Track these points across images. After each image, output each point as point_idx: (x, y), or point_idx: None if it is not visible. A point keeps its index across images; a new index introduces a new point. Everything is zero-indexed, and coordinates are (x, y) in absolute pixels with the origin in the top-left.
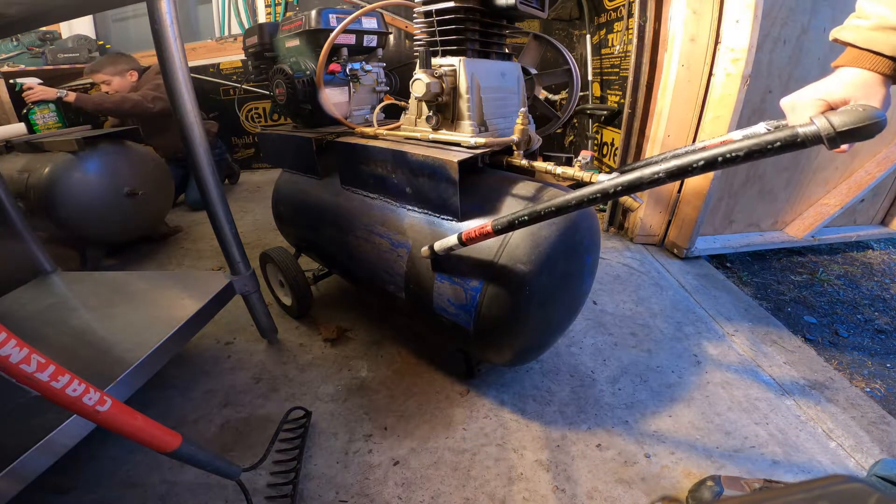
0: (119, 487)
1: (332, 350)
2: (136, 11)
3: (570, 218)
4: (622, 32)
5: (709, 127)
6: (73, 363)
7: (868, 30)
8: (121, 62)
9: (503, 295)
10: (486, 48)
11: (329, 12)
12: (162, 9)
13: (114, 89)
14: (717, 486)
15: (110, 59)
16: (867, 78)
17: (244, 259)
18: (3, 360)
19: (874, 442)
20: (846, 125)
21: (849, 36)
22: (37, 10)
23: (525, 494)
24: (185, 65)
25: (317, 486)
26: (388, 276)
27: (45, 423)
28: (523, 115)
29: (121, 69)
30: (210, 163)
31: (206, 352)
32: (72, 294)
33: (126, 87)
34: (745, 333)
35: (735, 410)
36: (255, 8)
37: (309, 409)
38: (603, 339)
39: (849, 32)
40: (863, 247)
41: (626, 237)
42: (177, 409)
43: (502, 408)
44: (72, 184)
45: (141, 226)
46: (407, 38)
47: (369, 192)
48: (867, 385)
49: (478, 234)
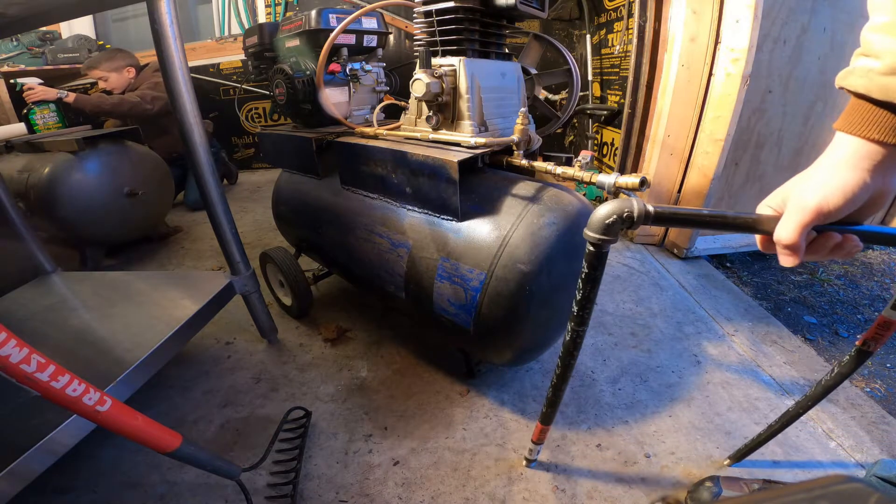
0: (119, 487)
1: (332, 350)
2: (136, 11)
3: (569, 218)
4: (622, 32)
5: (709, 127)
6: (73, 363)
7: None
8: (118, 58)
9: (503, 295)
10: (486, 48)
11: (329, 12)
12: (162, 9)
13: (111, 86)
14: (715, 486)
15: (107, 56)
16: (884, 160)
17: (244, 259)
18: (3, 360)
19: (874, 442)
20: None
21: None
22: (37, 10)
23: (525, 494)
24: (185, 65)
25: (317, 486)
26: (388, 276)
27: (45, 423)
28: (523, 115)
29: (118, 65)
30: (210, 163)
31: (206, 352)
32: (72, 294)
33: (123, 83)
34: (746, 333)
35: (735, 410)
36: (255, 8)
37: (309, 409)
38: (603, 339)
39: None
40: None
41: (626, 237)
42: (177, 409)
43: (502, 408)
44: (72, 184)
45: (141, 226)
46: (407, 38)
47: (369, 192)
48: (867, 385)
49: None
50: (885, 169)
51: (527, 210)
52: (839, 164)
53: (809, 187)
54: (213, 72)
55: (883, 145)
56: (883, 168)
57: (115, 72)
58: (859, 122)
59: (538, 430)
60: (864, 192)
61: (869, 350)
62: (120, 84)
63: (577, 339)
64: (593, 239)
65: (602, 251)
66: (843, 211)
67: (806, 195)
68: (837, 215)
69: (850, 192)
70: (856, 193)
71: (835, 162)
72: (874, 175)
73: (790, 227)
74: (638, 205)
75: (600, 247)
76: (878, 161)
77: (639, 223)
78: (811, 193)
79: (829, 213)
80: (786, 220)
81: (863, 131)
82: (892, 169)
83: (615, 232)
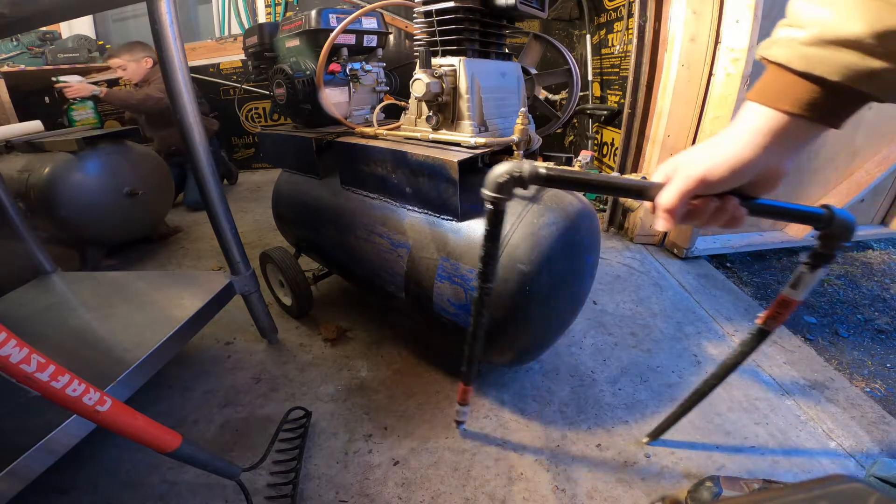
0: (119, 487)
1: (332, 350)
2: (136, 11)
3: (569, 218)
4: (622, 32)
5: (709, 127)
6: (72, 363)
7: (804, 44)
8: (137, 49)
9: (503, 295)
10: (486, 48)
11: (329, 12)
12: (162, 9)
13: (129, 75)
14: (715, 486)
15: (128, 47)
16: (787, 134)
17: (244, 259)
18: (3, 360)
19: (874, 442)
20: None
21: (780, 54)
22: (37, 10)
23: (525, 494)
24: (185, 65)
25: (317, 486)
26: (388, 276)
27: (45, 423)
28: (523, 115)
29: (137, 56)
30: (210, 163)
31: (206, 352)
32: (72, 294)
33: (140, 72)
34: (746, 333)
35: (735, 410)
36: (255, 8)
37: (309, 409)
38: (603, 339)
39: (780, 49)
40: (863, 247)
41: (626, 237)
42: (177, 409)
43: (502, 408)
44: (72, 184)
45: (141, 226)
46: (407, 38)
47: (369, 192)
48: (867, 385)
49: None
50: (784, 144)
51: (527, 210)
52: (741, 135)
53: (699, 157)
54: (213, 72)
55: (793, 118)
56: (783, 143)
57: (133, 62)
58: (774, 92)
59: (461, 390)
60: (752, 169)
61: (768, 329)
62: (137, 74)
63: (483, 297)
64: (489, 197)
65: (499, 209)
66: (728, 183)
67: (694, 164)
68: (721, 187)
69: (736, 167)
70: (742, 168)
71: (737, 133)
72: (770, 151)
73: (671, 193)
74: (528, 166)
75: (497, 204)
76: (780, 135)
77: (528, 182)
78: (699, 164)
79: (711, 184)
80: (669, 186)
81: (775, 102)
82: (790, 147)
83: (508, 191)
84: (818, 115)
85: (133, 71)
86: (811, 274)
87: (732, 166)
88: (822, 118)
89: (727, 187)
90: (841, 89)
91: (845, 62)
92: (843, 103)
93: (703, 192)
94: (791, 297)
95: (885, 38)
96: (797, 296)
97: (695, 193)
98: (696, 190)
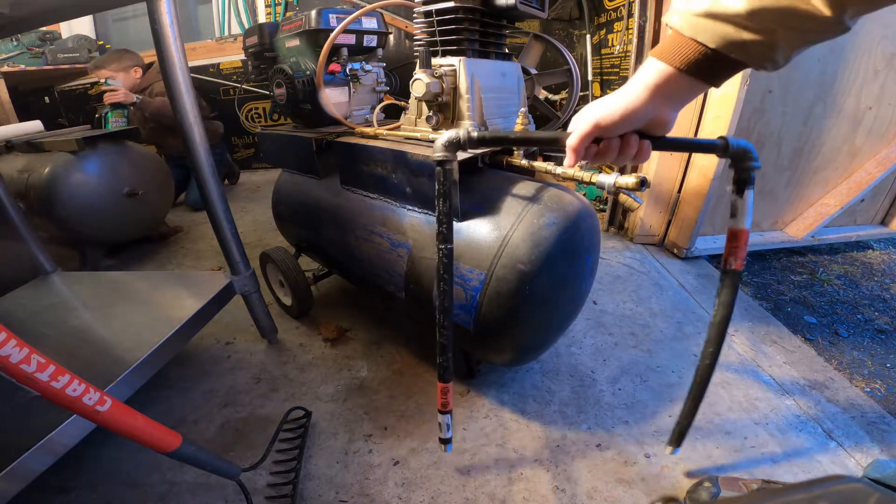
0: (119, 487)
1: (332, 350)
2: (136, 11)
3: (570, 218)
4: (622, 32)
5: (709, 126)
6: (73, 363)
7: (695, 15)
8: (125, 59)
9: (503, 295)
10: (486, 48)
11: (329, 12)
12: (162, 9)
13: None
14: (713, 486)
15: (115, 56)
16: (671, 87)
17: (244, 259)
18: (3, 360)
19: (874, 442)
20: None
21: (676, 21)
22: (37, 10)
23: (525, 494)
24: (185, 65)
25: (317, 486)
26: (388, 276)
27: (45, 423)
28: (523, 115)
29: (125, 65)
30: (210, 163)
31: (206, 352)
32: (72, 294)
33: (131, 83)
34: (745, 333)
35: (735, 410)
36: (255, 8)
37: (309, 409)
38: (603, 338)
39: (678, 17)
40: (863, 247)
41: (626, 237)
42: (177, 409)
43: (502, 408)
44: (72, 184)
45: (141, 226)
46: (407, 38)
47: (369, 192)
48: (867, 385)
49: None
50: (669, 96)
51: (527, 210)
52: (634, 89)
53: (598, 106)
54: (213, 72)
55: (679, 73)
56: (668, 95)
57: (122, 72)
58: (668, 50)
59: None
60: (642, 115)
61: (734, 268)
62: (128, 84)
63: (444, 259)
64: (439, 157)
65: (446, 168)
66: (620, 127)
67: (591, 112)
68: (616, 130)
69: (627, 113)
70: (631, 116)
71: (632, 86)
72: (656, 102)
73: (574, 136)
74: (464, 132)
75: (444, 163)
76: (666, 88)
77: (465, 146)
78: (595, 111)
79: (606, 128)
80: (573, 131)
81: (668, 58)
82: (674, 99)
83: (453, 151)
84: (698, 73)
85: (123, 81)
86: (742, 199)
87: (622, 113)
88: (701, 76)
89: (621, 131)
90: (718, 55)
91: (723, 33)
92: (720, 66)
93: (602, 135)
94: (736, 226)
95: (756, 15)
96: (741, 224)
97: (594, 136)
98: (594, 132)
